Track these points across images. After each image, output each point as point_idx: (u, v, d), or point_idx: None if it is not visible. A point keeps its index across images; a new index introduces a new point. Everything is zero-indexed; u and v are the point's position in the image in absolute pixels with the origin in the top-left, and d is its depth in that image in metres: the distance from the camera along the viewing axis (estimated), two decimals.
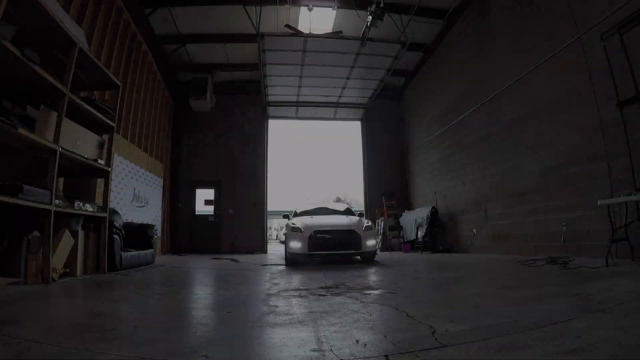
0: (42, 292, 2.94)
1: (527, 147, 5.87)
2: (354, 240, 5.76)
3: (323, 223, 6.15)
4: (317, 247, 5.66)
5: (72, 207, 3.96)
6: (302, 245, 5.68)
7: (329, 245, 5.69)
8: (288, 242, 6.00)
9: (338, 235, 5.79)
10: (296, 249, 5.76)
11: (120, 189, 6.69)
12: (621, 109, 4.19)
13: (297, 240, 5.78)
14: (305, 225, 5.95)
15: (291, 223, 6.30)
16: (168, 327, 1.90)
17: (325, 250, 5.73)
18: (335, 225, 6.05)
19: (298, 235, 5.81)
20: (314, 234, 5.69)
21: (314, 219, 6.39)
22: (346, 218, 6.59)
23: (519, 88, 6.04)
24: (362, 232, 5.83)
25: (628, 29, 4.07)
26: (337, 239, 5.73)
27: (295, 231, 5.89)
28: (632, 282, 2.65)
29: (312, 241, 5.65)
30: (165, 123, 9.55)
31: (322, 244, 5.67)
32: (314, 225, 5.94)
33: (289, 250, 5.90)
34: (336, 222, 6.27)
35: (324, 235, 5.72)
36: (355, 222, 6.17)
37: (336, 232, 5.83)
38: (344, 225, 6.08)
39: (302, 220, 6.28)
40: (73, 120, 4.17)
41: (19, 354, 1.42)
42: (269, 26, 7.80)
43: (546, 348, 1.40)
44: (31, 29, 3.61)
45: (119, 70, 6.58)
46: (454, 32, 8.12)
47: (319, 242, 5.66)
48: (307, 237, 5.68)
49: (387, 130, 11.47)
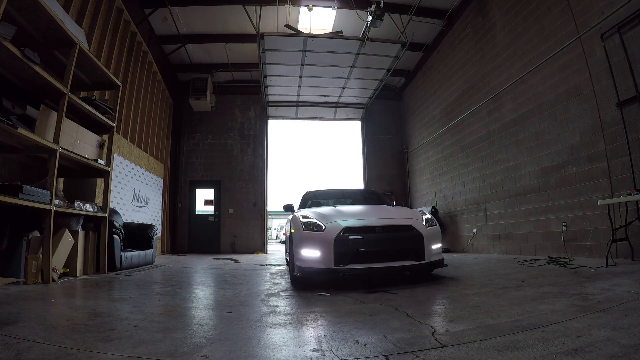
0: (42, 292, 2.94)
1: (527, 147, 5.87)
2: (413, 244, 3.40)
3: (357, 215, 3.85)
4: (350, 257, 3.29)
5: (72, 207, 3.96)
6: (324, 255, 3.29)
7: (372, 254, 3.35)
8: (296, 248, 3.52)
9: (386, 237, 3.42)
10: (312, 260, 3.34)
11: (120, 189, 6.69)
12: (621, 109, 4.19)
13: (313, 246, 3.36)
14: (326, 219, 3.57)
15: (300, 216, 3.80)
16: (168, 327, 1.90)
17: (365, 263, 3.31)
18: (380, 219, 3.70)
19: (315, 237, 3.40)
20: (344, 235, 3.34)
21: (340, 210, 4.02)
22: (392, 208, 4.26)
23: (519, 88, 6.04)
24: (425, 230, 3.51)
25: (628, 29, 4.07)
26: (385, 243, 3.39)
27: (310, 229, 3.48)
28: (632, 282, 2.65)
29: (342, 247, 3.29)
30: (165, 123, 9.55)
31: (359, 252, 3.33)
32: (342, 220, 3.56)
33: (300, 263, 3.41)
34: (379, 214, 3.92)
35: (362, 237, 3.38)
36: (409, 214, 3.90)
37: (383, 231, 3.45)
38: (393, 218, 3.80)
39: (319, 212, 3.92)
40: (73, 120, 4.18)
41: (19, 354, 1.42)
42: (269, 26, 7.80)
43: (546, 348, 1.40)
44: (31, 29, 3.61)
45: (119, 70, 6.58)
46: (454, 32, 8.12)
47: (354, 248, 3.32)
48: (331, 239, 3.30)
49: (387, 130, 11.48)
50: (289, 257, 4.11)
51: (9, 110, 3.41)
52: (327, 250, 3.28)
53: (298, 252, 3.46)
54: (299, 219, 3.71)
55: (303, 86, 9.71)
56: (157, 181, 8.78)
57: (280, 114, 11.21)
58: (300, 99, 10.62)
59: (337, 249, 3.26)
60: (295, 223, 3.78)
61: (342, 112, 11.35)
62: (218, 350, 1.53)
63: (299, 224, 3.62)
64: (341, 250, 3.28)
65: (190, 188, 10.53)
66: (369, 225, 3.50)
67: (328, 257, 3.27)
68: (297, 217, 3.86)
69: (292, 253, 3.73)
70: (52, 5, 3.54)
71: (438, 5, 7.77)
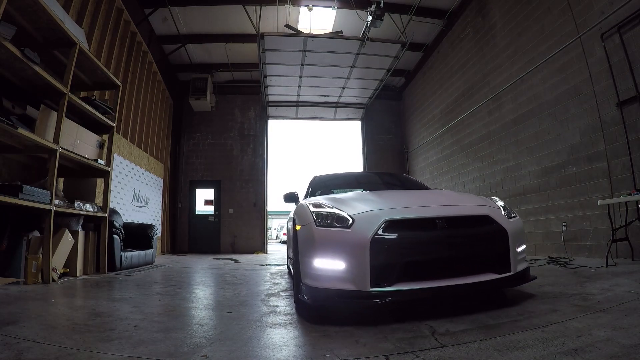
0: (42, 292, 2.94)
1: (527, 147, 5.87)
2: (494, 247, 2.24)
3: (402, 201, 2.52)
4: (398, 270, 2.05)
5: (72, 207, 3.96)
6: (352, 268, 2.03)
7: (434, 265, 2.12)
8: (305, 255, 2.23)
9: (455, 235, 2.18)
10: (331, 276, 2.08)
11: (120, 189, 6.69)
12: (621, 109, 4.19)
13: (332, 252, 2.09)
14: (352, 208, 2.31)
15: (310, 204, 2.48)
16: (168, 327, 1.91)
17: (423, 281, 2.06)
18: (441, 207, 2.39)
19: (336, 236, 2.13)
20: (387, 234, 2.08)
21: (372, 195, 2.68)
22: (448, 192, 3.20)
23: (519, 88, 6.04)
24: (508, 224, 2.31)
25: (628, 29, 4.07)
26: (453, 245, 2.15)
27: (328, 224, 2.21)
28: (632, 282, 2.65)
29: (384, 253, 2.04)
30: (165, 123, 9.54)
31: (413, 263, 2.09)
32: (380, 208, 2.28)
33: (311, 281, 2.14)
34: (436, 199, 2.60)
35: (417, 236, 2.14)
36: (478, 200, 2.63)
37: (448, 226, 2.17)
38: (459, 205, 2.49)
39: (339, 198, 2.68)
40: (73, 120, 4.18)
41: (19, 354, 1.42)
42: (269, 26, 7.80)
43: (546, 348, 1.40)
44: (31, 29, 3.61)
45: (119, 70, 6.58)
46: (454, 32, 8.12)
47: (405, 255, 2.08)
48: (365, 241, 2.03)
49: (387, 130, 11.48)
50: (292, 267, 2.91)
51: (9, 110, 3.41)
52: (359, 260, 1.97)
53: (307, 263, 2.13)
54: (308, 209, 2.35)
55: (303, 86, 9.71)
56: (157, 181, 8.77)
57: (280, 114, 11.21)
58: (300, 99, 10.62)
59: (375, 258, 1.96)
60: (303, 215, 2.41)
61: (342, 112, 11.35)
62: (218, 350, 1.53)
63: (308, 217, 2.28)
64: (383, 260, 1.98)
65: (190, 188, 10.52)
66: (425, 217, 2.17)
67: (360, 271, 1.96)
68: (305, 207, 2.46)
69: (296, 262, 2.43)
70: (52, 5, 3.54)
71: (438, 5, 7.77)
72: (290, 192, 3.65)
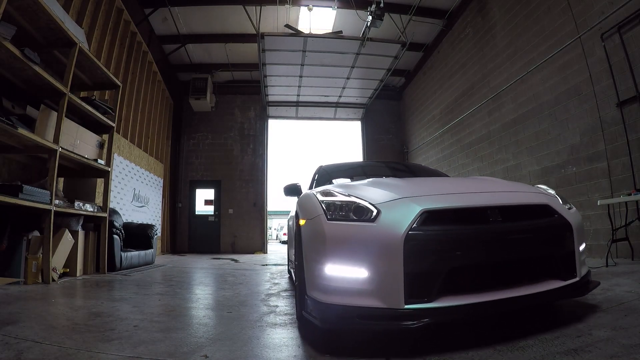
0: (42, 292, 2.94)
1: (527, 147, 5.87)
2: (557, 246, 1.71)
3: (440, 188, 1.99)
4: (441, 281, 1.48)
5: (72, 207, 3.96)
6: (379, 277, 1.47)
7: (487, 272, 1.59)
8: (313, 259, 1.65)
9: (511, 230, 1.61)
10: (349, 289, 1.51)
11: (120, 189, 6.69)
12: (621, 109, 4.19)
13: (350, 256, 1.53)
14: (376, 196, 1.75)
15: (318, 193, 1.92)
16: (168, 327, 1.91)
17: (473, 293, 1.51)
18: (492, 194, 1.86)
19: (355, 233, 1.57)
20: (426, 229, 1.52)
21: (397, 182, 2.07)
22: (494, 179, 2.43)
23: (519, 88, 6.04)
24: (571, 216, 1.79)
25: (628, 29, 4.07)
26: (509, 245, 1.59)
27: (343, 217, 1.65)
28: (632, 282, 2.65)
29: (422, 257, 1.48)
30: (165, 123, 9.54)
31: (462, 269, 1.54)
32: (413, 196, 1.72)
33: (321, 295, 1.57)
34: (481, 185, 2.10)
35: (465, 232, 1.55)
36: (531, 188, 2.07)
37: (502, 218, 1.61)
38: (511, 191, 1.95)
39: (355, 185, 2.12)
40: (73, 120, 4.18)
41: (19, 354, 1.42)
42: (269, 26, 7.80)
43: (546, 348, 1.40)
44: (31, 29, 3.61)
45: (119, 70, 6.58)
46: (454, 32, 8.12)
47: (451, 259, 1.51)
48: (397, 239, 1.47)
49: (387, 130, 11.48)
50: (295, 274, 2.42)
51: (9, 110, 3.41)
52: (388, 265, 1.47)
53: (315, 270, 1.61)
54: (315, 198, 1.85)
55: (303, 86, 9.71)
56: (157, 181, 8.77)
57: (280, 114, 11.21)
58: (300, 99, 10.62)
59: (411, 262, 1.46)
60: (308, 206, 1.90)
61: (342, 112, 11.35)
62: (218, 350, 1.53)
63: (316, 207, 1.77)
64: (422, 265, 1.48)
65: (190, 188, 10.53)
66: (474, 207, 1.64)
67: (390, 281, 1.46)
68: (311, 196, 1.95)
69: (300, 268, 1.89)
70: (52, 5, 3.54)
71: (438, 5, 7.77)
72: (291, 183, 3.03)
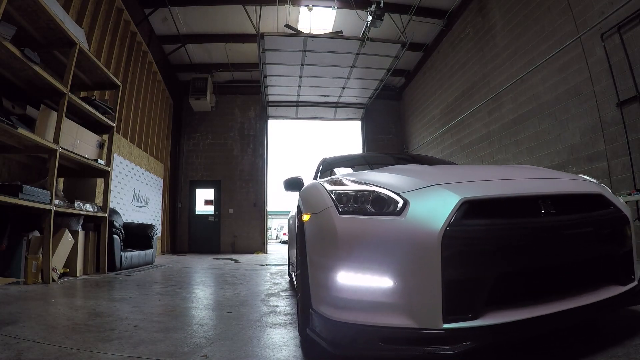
0: (42, 292, 2.94)
1: (527, 147, 5.87)
2: (613, 244, 1.39)
3: (478, 174, 1.58)
4: (487, 291, 1.17)
5: (72, 207, 3.96)
6: (411, 286, 1.16)
7: (543, 273, 1.29)
8: (326, 262, 1.29)
9: (566, 225, 1.28)
10: (375, 301, 1.19)
11: (120, 189, 6.69)
12: (621, 109, 4.19)
13: (373, 260, 1.21)
14: (401, 183, 1.41)
15: (327, 183, 1.59)
16: (168, 327, 1.91)
17: (530, 304, 1.22)
18: (542, 181, 1.55)
19: (377, 229, 1.24)
20: (468, 224, 1.20)
21: (425, 169, 1.72)
22: (532, 167, 2.00)
23: (519, 88, 6.04)
24: (626, 208, 1.50)
25: (628, 29, 4.07)
26: (565, 243, 1.29)
27: (359, 210, 1.33)
28: None
29: (468, 259, 1.17)
30: (165, 123, 9.55)
31: (513, 276, 1.24)
32: (452, 179, 1.43)
33: (332, 311, 1.24)
34: (524, 173, 1.64)
35: (514, 228, 1.23)
36: (574, 177, 1.69)
37: (555, 211, 1.29)
38: (559, 178, 1.64)
39: (374, 176, 1.60)
40: (73, 120, 4.18)
41: (19, 354, 1.42)
42: (269, 26, 7.80)
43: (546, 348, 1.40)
44: (31, 29, 3.61)
45: (119, 70, 6.58)
46: (454, 32, 8.12)
47: (502, 260, 1.19)
48: (434, 238, 1.15)
49: (387, 130, 11.48)
50: (296, 280, 2.01)
51: (9, 110, 3.41)
52: (422, 272, 1.17)
53: (324, 277, 1.31)
54: (322, 188, 1.55)
55: (303, 86, 9.72)
56: (157, 181, 8.78)
57: (280, 114, 11.21)
58: (300, 99, 10.62)
59: (452, 268, 1.16)
60: (313, 198, 1.59)
61: (342, 112, 11.35)
62: (218, 350, 1.53)
63: (323, 199, 1.47)
64: (465, 271, 1.18)
65: (190, 188, 10.53)
66: (523, 196, 1.34)
67: (424, 292, 1.16)
68: (317, 186, 1.64)
69: (303, 273, 1.54)
70: (52, 5, 3.54)
71: (438, 5, 7.77)
72: (292, 177, 2.68)
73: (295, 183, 2.63)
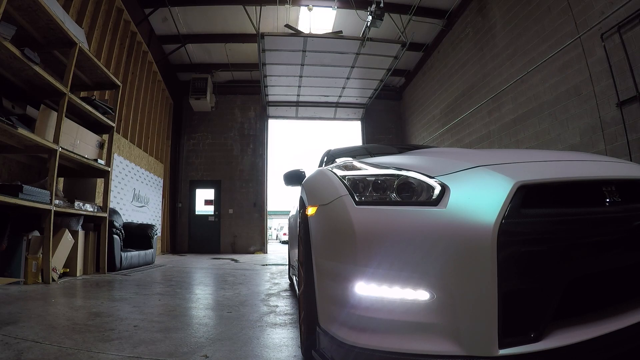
0: (42, 292, 2.94)
1: (527, 147, 5.86)
2: None
3: (527, 155, 1.27)
4: (558, 299, 0.91)
5: (72, 207, 3.96)
6: (456, 301, 0.88)
7: (612, 277, 1.02)
8: (338, 269, 1.01)
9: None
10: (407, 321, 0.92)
11: (120, 189, 6.69)
12: (621, 109, 4.19)
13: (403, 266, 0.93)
14: (440, 167, 1.09)
15: (335, 169, 1.28)
16: (168, 327, 1.90)
17: (602, 317, 0.97)
18: (606, 165, 1.26)
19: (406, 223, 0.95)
20: (530, 215, 0.92)
21: (460, 151, 1.44)
22: (582, 153, 1.50)
23: (519, 88, 6.04)
24: None
25: (628, 29, 4.07)
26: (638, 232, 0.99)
27: (380, 200, 1.04)
28: None
29: (530, 262, 0.88)
30: (165, 123, 9.55)
31: (582, 278, 0.95)
32: (499, 159, 1.14)
33: (353, 327, 0.97)
34: (574, 156, 1.33)
35: (582, 221, 0.95)
36: (628, 162, 1.39)
37: (622, 199, 1.04)
38: (619, 162, 1.33)
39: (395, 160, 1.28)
40: (73, 120, 4.18)
41: (19, 354, 1.42)
42: (269, 26, 7.81)
43: None
44: (31, 29, 3.61)
45: (119, 70, 6.58)
46: (454, 32, 8.12)
47: (573, 262, 0.93)
48: (487, 233, 0.88)
49: (387, 130, 11.48)
50: (298, 288, 1.87)
51: (9, 110, 3.42)
52: (470, 282, 0.88)
53: (337, 288, 1.02)
54: (332, 174, 1.26)
55: (303, 86, 9.72)
56: (157, 181, 8.78)
57: (280, 114, 11.21)
58: (300, 99, 10.62)
59: (512, 274, 0.88)
60: (321, 186, 1.30)
61: (342, 112, 11.35)
62: (218, 350, 1.53)
63: (334, 186, 1.18)
64: (529, 280, 0.90)
65: (190, 188, 10.53)
66: (587, 179, 1.07)
67: (473, 310, 0.87)
68: (325, 173, 1.35)
69: (308, 281, 1.26)
70: (52, 5, 3.54)
71: (438, 5, 7.77)
72: (292, 170, 2.45)
73: (297, 176, 2.37)
